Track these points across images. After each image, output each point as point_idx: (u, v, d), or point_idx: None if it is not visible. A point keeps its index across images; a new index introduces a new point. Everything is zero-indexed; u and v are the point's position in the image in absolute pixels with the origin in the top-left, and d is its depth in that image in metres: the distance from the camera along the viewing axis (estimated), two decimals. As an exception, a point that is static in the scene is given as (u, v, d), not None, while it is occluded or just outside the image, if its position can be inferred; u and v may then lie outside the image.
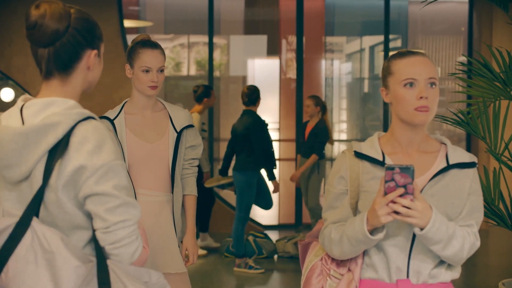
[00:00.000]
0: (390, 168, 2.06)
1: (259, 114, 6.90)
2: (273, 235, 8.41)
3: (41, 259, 1.72)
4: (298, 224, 9.36)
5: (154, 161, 3.26)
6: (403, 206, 2.07)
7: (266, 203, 7.10)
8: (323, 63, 10.08)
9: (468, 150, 9.66)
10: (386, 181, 2.07)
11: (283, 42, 9.96)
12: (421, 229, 2.12)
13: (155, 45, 3.29)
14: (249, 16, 10.16)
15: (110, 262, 1.80)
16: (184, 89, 10.06)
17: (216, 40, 9.83)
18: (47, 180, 1.78)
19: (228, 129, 7.14)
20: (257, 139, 6.69)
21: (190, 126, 3.36)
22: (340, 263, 2.31)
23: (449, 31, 10.33)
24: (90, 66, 1.91)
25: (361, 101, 10.59)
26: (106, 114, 3.30)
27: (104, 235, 1.80)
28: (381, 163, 2.25)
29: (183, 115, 3.34)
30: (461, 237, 2.19)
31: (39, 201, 1.79)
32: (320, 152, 7.46)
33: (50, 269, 1.72)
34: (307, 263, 2.39)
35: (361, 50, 10.59)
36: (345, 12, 10.27)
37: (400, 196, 2.07)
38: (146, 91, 3.25)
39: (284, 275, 6.95)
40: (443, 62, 10.37)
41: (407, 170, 2.05)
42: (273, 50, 10.20)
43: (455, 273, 2.29)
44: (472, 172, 2.29)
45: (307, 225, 9.13)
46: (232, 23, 9.99)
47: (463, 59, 9.83)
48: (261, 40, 10.30)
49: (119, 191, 1.80)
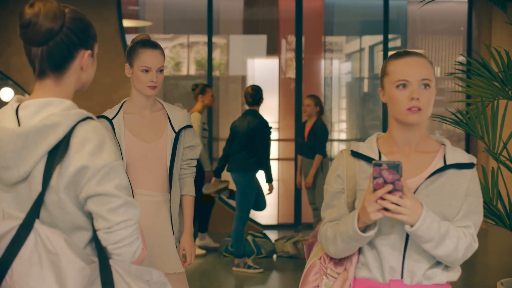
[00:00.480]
0: (378, 165, 2.06)
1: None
2: (272, 235, 8.41)
3: (46, 261, 1.72)
4: (297, 224, 9.37)
5: (152, 161, 3.26)
6: (392, 203, 2.07)
7: (260, 205, 7.12)
8: (323, 63, 10.08)
9: (467, 150, 9.66)
10: (374, 178, 2.07)
11: (283, 42, 9.96)
12: (412, 226, 2.11)
13: (155, 45, 3.29)
14: (248, 16, 10.16)
15: (112, 262, 1.80)
16: (183, 88, 10.06)
17: (216, 39, 9.84)
18: (47, 181, 1.78)
19: (227, 128, 7.13)
20: (261, 140, 6.72)
21: (189, 126, 3.36)
22: (337, 262, 2.32)
23: (449, 30, 10.34)
24: (84, 66, 1.91)
25: (361, 100, 10.60)
26: (105, 114, 3.30)
27: (106, 235, 1.80)
28: None
29: (182, 115, 3.34)
30: (456, 237, 2.17)
31: (41, 203, 1.79)
32: (323, 151, 7.48)
33: (54, 271, 1.72)
34: (308, 261, 2.41)
35: (361, 50, 10.60)
36: (344, 11, 10.27)
37: (389, 192, 2.06)
38: (146, 91, 3.25)
39: (283, 275, 6.95)
40: (442, 61, 10.38)
41: (395, 167, 2.04)
42: (272, 50, 10.20)
43: (453, 275, 2.27)
44: (470, 173, 2.27)
45: (306, 225, 9.14)
46: (232, 22, 10.00)
47: (462, 59, 9.83)
48: (261, 40, 10.30)
49: (120, 191, 1.81)
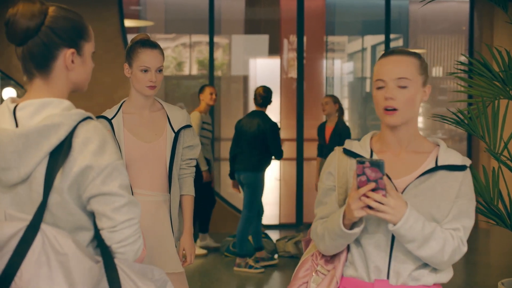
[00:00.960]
0: (361, 162, 2.05)
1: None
2: (274, 235, 8.40)
3: (54, 262, 1.73)
4: (299, 224, 9.36)
5: (152, 161, 3.26)
6: (375, 201, 2.06)
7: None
8: (324, 63, 10.08)
9: (469, 149, 9.66)
10: (358, 175, 2.07)
11: (284, 41, 9.96)
12: (394, 225, 2.10)
13: (154, 45, 3.29)
14: (250, 16, 10.16)
15: (117, 260, 1.82)
16: (186, 88, 10.06)
17: (218, 39, 9.83)
18: (50, 182, 1.78)
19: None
20: (274, 142, 6.80)
21: (188, 126, 3.36)
22: (328, 259, 2.32)
23: (450, 30, 10.32)
24: (68, 65, 1.89)
25: (363, 100, 10.58)
26: (104, 114, 3.30)
27: (111, 234, 1.82)
28: None
29: (181, 115, 3.34)
30: (442, 239, 2.14)
31: (46, 204, 1.79)
32: None
33: (64, 271, 1.73)
34: (301, 258, 2.42)
35: (363, 50, 10.59)
36: (346, 11, 10.27)
37: (373, 190, 2.06)
38: (145, 91, 3.25)
39: (284, 274, 6.94)
40: (444, 61, 10.36)
41: (377, 165, 2.03)
42: (274, 49, 10.20)
43: (442, 277, 2.24)
44: (462, 176, 2.23)
45: (307, 225, 9.13)
46: (233, 22, 9.99)
47: (464, 58, 9.81)
48: (263, 39, 10.29)
49: (123, 190, 1.82)
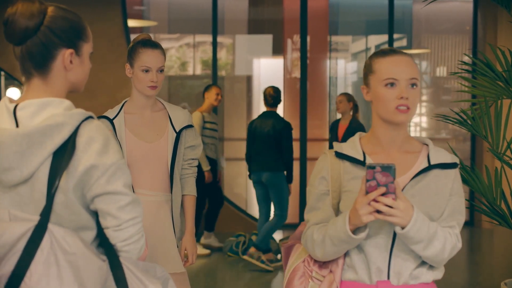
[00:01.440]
0: (372, 167, 2.04)
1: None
2: (277, 235, 8.40)
3: (63, 261, 1.73)
4: (302, 224, 9.34)
5: (153, 161, 3.26)
6: (385, 205, 2.05)
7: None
8: (328, 63, 10.07)
9: (472, 149, 9.64)
10: (367, 180, 2.05)
11: (288, 41, 9.96)
12: (402, 228, 2.10)
13: (155, 45, 3.28)
14: (253, 16, 10.16)
15: (122, 259, 1.83)
16: (189, 88, 10.07)
17: (222, 39, 9.84)
18: (53, 182, 1.78)
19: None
20: (288, 141, 6.89)
21: (190, 126, 3.36)
22: (322, 264, 2.29)
23: (454, 30, 10.30)
24: (66, 66, 1.89)
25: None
26: (106, 114, 3.30)
27: (116, 232, 1.82)
28: (362, 163, 2.23)
29: (183, 115, 3.34)
30: (443, 238, 2.17)
31: (52, 204, 1.79)
32: None
33: (73, 271, 1.73)
34: (290, 265, 2.37)
35: (367, 49, 10.58)
36: (349, 11, 10.26)
37: (382, 195, 2.05)
38: (146, 91, 3.25)
39: (287, 274, 6.93)
40: (448, 61, 10.35)
41: (389, 169, 2.03)
42: (278, 49, 10.20)
43: (438, 274, 2.27)
44: (454, 173, 2.27)
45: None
46: (237, 22, 9.99)
47: (467, 58, 9.80)
48: (267, 39, 10.29)
49: (127, 189, 1.83)
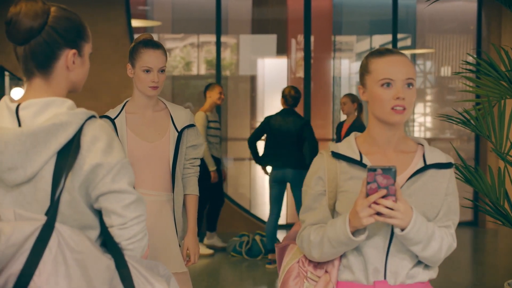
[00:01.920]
0: (372, 170, 2.04)
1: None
2: (280, 235, 8.39)
3: (71, 260, 1.73)
4: (306, 224, 9.34)
5: (155, 161, 3.26)
6: (385, 207, 2.05)
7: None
8: (332, 62, 10.06)
9: (477, 149, 9.62)
10: (368, 183, 2.05)
11: (292, 41, 9.95)
12: (402, 229, 2.10)
13: (157, 45, 3.28)
14: (257, 16, 10.16)
15: (126, 257, 1.83)
16: (194, 88, 10.07)
17: (227, 39, 9.84)
18: (58, 181, 1.78)
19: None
20: (313, 136, 6.94)
21: (191, 125, 3.35)
22: (317, 265, 2.29)
23: (458, 30, 10.28)
24: (69, 66, 1.90)
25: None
26: (107, 113, 3.30)
27: (121, 231, 1.83)
28: (359, 163, 2.23)
29: (184, 115, 3.34)
30: (440, 238, 2.18)
31: (58, 203, 1.79)
32: None
33: (81, 269, 1.73)
34: (284, 265, 2.37)
35: (371, 49, 10.55)
36: (353, 11, 10.25)
37: (382, 197, 2.05)
38: (147, 91, 3.25)
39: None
40: (452, 61, 10.33)
41: (389, 171, 2.03)
42: (282, 49, 10.19)
43: (433, 273, 2.27)
44: (449, 173, 2.27)
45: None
46: (240, 22, 9.99)
47: (471, 58, 9.78)
48: (271, 39, 10.29)
49: (132, 188, 1.84)
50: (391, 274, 2.20)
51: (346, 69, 10.56)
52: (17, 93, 9.00)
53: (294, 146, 6.89)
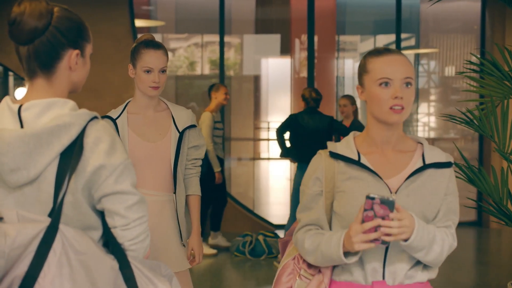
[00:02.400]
0: (371, 198, 2.02)
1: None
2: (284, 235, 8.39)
3: (75, 261, 1.73)
4: (310, 224, 9.32)
5: (156, 161, 3.26)
6: (390, 227, 2.03)
7: None
8: (336, 62, 10.06)
9: (480, 149, 9.60)
10: (365, 210, 2.04)
11: (296, 41, 9.95)
12: (405, 240, 2.09)
13: (158, 46, 3.28)
14: (260, 16, 10.16)
15: (129, 258, 1.84)
16: (198, 88, 10.08)
17: (230, 39, 9.84)
18: (61, 182, 1.78)
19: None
20: (344, 129, 7.09)
21: (193, 126, 3.35)
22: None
23: (462, 29, 10.27)
24: (72, 66, 1.90)
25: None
26: (109, 114, 3.30)
27: (124, 232, 1.83)
28: (357, 163, 2.23)
29: (186, 115, 3.34)
30: (441, 240, 2.17)
31: (62, 204, 1.79)
32: None
33: (85, 270, 1.74)
34: (281, 261, 2.38)
35: (375, 49, 10.56)
36: (357, 11, 10.24)
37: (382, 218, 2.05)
38: (148, 91, 3.25)
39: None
40: (456, 60, 10.31)
41: (388, 203, 2.01)
42: (285, 49, 10.19)
43: (432, 273, 2.26)
44: (449, 172, 2.26)
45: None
46: (244, 22, 10.00)
47: (474, 58, 9.76)
48: (275, 39, 10.29)
49: (134, 189, 1.85)
50: (390, 274, 2.19)
51: (350, 69, 10.55)
52: (21, 93, 9.02)
53: (322, 143, 6.90)
